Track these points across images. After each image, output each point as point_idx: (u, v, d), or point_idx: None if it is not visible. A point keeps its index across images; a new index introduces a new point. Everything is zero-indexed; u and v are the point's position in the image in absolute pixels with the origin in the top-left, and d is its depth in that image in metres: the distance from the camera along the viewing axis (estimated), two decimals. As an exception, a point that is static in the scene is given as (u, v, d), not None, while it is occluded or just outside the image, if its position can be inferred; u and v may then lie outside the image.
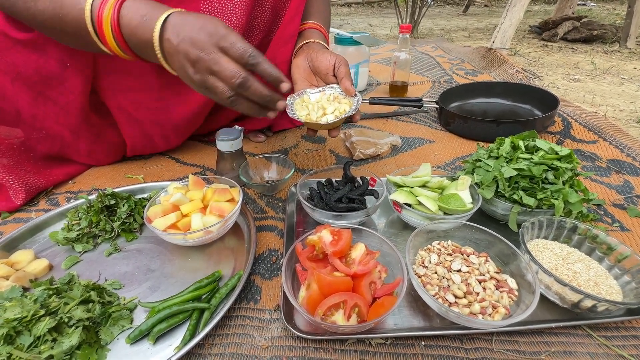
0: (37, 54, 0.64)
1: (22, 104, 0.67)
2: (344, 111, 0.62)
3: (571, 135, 0.96)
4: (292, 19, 0.77)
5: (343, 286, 0.43)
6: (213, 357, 0.43)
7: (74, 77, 0.67)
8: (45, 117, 0.70)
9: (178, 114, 0.80)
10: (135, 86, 0.74)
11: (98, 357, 0.42)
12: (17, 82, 0.65)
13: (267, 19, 0.79)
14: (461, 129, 0.97)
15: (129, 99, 0.75)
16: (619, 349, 0.43)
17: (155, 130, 0.82)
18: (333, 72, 0.66)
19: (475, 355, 0.43)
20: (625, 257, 0.49)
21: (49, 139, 0.74)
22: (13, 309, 0.41)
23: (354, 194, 0.63)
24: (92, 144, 0.80)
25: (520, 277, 0.48)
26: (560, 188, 0.55)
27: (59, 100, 0.69)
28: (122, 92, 0.74)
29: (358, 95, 0.65)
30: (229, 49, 0.47)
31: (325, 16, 0.85)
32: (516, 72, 1.53)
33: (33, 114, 0.69)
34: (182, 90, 0.78)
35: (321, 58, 0.67)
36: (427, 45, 2.25)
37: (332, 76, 0.66)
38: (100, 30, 0.50)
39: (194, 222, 0.55)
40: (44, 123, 0.71)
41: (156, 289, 0.52)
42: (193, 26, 0.48)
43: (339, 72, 0.65)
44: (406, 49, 1.24)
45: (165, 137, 0.85)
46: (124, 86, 0.73)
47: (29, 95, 0.67)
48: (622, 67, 1.97)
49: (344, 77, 0.64)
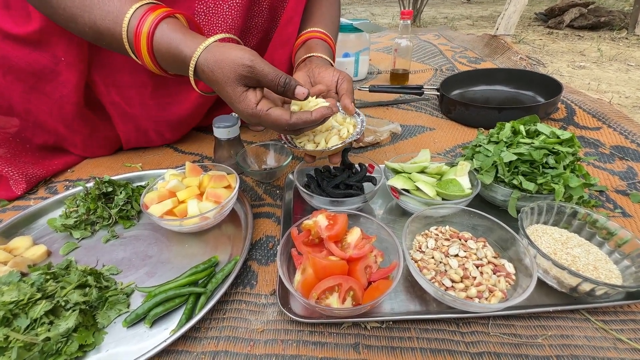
0: (29, 48, 0.63)
1: (15, 98, 0.67)
2: (348, 134, 0.58)
3: (574, 122, 0.94)
4: (290, 20, 0.75)
5: (338, 270, 0.42)
6: (209, 340, 0.43)
7: (67, 71, 0.67)
8: (39, 111, 0.70)
9: (173, 113, 0.80)
10: (129, 82, 0.73)
11: (95, 340, 0.42)
12: (8, 75, 0.64)
13: (264, 20, 0.77)
14: (462, 116, 0.96)
15: (122, 94, 0.75)
16: (616, 333, 0.42)
17: (149, 125, 0.81)
18: (335, 89, 0.62)
19: (471, 339, 0.42)
20: (625, 242, 0.48)
21: (44, 133, 0.74)
22: (10, 293, 0.42)
23: (352, 180, 0.62)
24: (88, 138, 0.80)
25: (518, 261, 0.47)
26: (561, 173, 0.54)
27: (53, 94, 0.69)
28: (116, 87, 0.74)
29: (361, 115, 0.61)
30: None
31: (334, 20, 0.80)
32: (520, 60, 1.50)
33: (26, 108, 0.69)
34: (178, 90, 0.77)
35: (323, 74, 0.62)
36: (429, 33, 2.21)
37: (334, 93, 0.62)
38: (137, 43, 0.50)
39: (190, 208, 0.55)
40: (37, 117, 0.71)
41: (153, 274, 0.52)
42: (229, 54, 0.48)
43: (341, 89, 0.61)
44: (407, 35, 1.21)
45: (159, 132, 0.84)
46: (117, 82, 0.73)
47: (21, 89, 0.66)
48: (629, 54, 1.93)
49: (345, 94, 0.60)
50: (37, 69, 0.65)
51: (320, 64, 0.65)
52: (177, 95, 0.78)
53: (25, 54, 0.63)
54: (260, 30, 0.78)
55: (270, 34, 0.80)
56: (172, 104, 0.79)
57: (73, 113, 0.72)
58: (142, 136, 0.84)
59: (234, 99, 0.49)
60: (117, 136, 0.83)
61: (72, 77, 0.68)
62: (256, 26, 0.77)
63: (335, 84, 0.62)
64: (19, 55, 0.63)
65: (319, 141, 0.59)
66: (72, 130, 0.76)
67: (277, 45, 0.77)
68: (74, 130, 0.76)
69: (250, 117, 0.50)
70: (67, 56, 0.66)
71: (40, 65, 0.65)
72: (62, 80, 0.68)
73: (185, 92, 0.78)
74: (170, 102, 0.78)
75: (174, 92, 0.78)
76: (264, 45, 0.79)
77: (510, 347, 0.41)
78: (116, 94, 0.74)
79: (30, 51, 0.63)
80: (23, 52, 0.63)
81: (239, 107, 0.50)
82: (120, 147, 0.88)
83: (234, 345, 0.42)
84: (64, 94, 0.69)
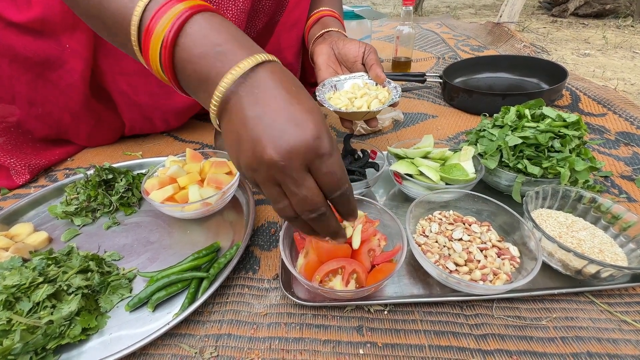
0: (33, 35, 0.62)
1: (19, 89, 0.66)
2: (385, 98, 0.59)
3: (579, 108, 0.93)
4: (298, 4, 0.74)
5: (341, 253, 0.42)
6: (212, 324, 0.43)
7: (73, 59, 0.66)
8: (45, 100, 0.69)
9: (180, 101, 0.79)
10: (136, 70, 0.72)
11: (98, 324, 0.42)
12: (14, 64, 0.63)
13: (272, 2, 0.75)
14: (465, 103, 0.95)
15: (129, 82, 0.74)
16: (621, 315, 0.42)
17: (155, 114, 0.81)
18: (362, 61, 0.63)
19: (475, 321, 0.42)
20: (630, 225, 0.47)
21: (47, 126, 0.74)
22: (12, 277, 0.41)
23: (354, 166, 0.62)
24: (92, 128, 0.79)
25: (522, 245, 0.47)
26: (567, 156, 0.53)
27: (59, 83, 0.68)
28: (123, 75, 0.73)
29: (392, 82, 0.61)
30: (321, 172, 0.31)
31: (340, 3, 0.82)
32: (524, 47, 1.48)
33: (31, 98, 0.68)
34: None
35: (349, 46, 0.63)
36: (432, 22, 2.18)
37: (360, 64, 0.63)
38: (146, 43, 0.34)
39: (192, 194, 0.55)
40: (43, 107, 0.70)
41: (155, 260, 0.52)
42: (289, 111, 0.30)
43: (369, 60, 0.62)
44: (409, 23, 1.19)
45: (165, 120, 0.83)
46: (124, 70, 0.72)
47: (27, 78, 0.66)
48: (634, 41, 1.90)
49: (374, 64, 0.61)
50: (42, 57, 0.64)
51: (342, 37, 0.66)
52: None
53: (29, 41, 0.62)
54: (267, 13, 0.77)
55: (277, 17, 0.79)
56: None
57: (80, 102, 0.71)
58: (147, 123, 0.83)
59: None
60: (121, 124, 0.83)
61: (78, 65, 0.67)
62: (263, 9, 0.76)
63: (362, 55, 0.63)
64: (24, 43, 0.62)
65: (360, 105, 0.58)
66: (78, 119, 0.75)
67: (284, 29, 0.76)
68: (79, 120, 0.76)
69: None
70: (72, 43, 0.64)
71: (45, 53, 0.64)
72: (68, 68, 0.67)
73: None
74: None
75: None
76: (270, 28, 0.78)
77: (515, 329, 0.41)
78: (123, 82, 0.73)
79: (34, 39, 0.62)
80: (27, 40, 0.62)
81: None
82: (122, 136, 0.87)
83: (237, 328, 0.42)
84: (70, 82, 0.68)
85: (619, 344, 0.39)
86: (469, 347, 0.39)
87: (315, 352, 0.39)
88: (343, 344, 0.40)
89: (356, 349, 0.40)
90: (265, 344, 0.40)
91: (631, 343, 0.39)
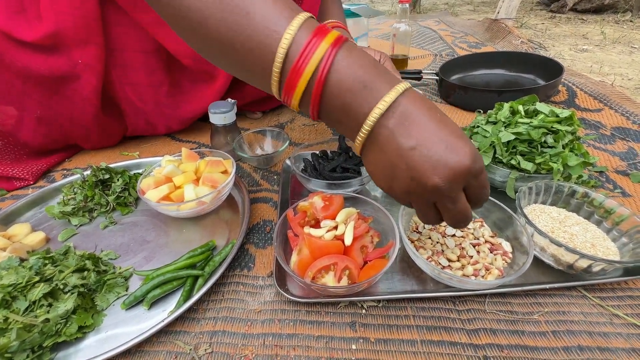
0: (47, 53, 0.63)
1: (29, 106, 0.67)
2: None
3: (575, 104, 0.92)
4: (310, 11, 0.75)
5: (334, 249, 0.42)
6: (207, 321, 0.44)
7: (86, 73, 0.66)
8: (57, 115, 0.70)
9: (186, 111, 0.80)
10: (146, 82, 0.73)
11: (94, 322, 0.43)
12: (29, 82, 0.64)
13: None
14: (461, 100, 0.95)
15: (137, 92, 0.74)
16: (613, 309, 0.42)
17: (160, 120, 0.81)
18: None
19: (467, 316, 0.43)
20: (623, 219, 0.48)
21: (53, 138, 0.75)
22: (9, 276, 0.42)
23: (349, 163, 0.62)
24: (100, 135, 0.79)
25: (515, 240, 0.47)
26: (560, 151, 0.53)
27: (74, 97, 0.69)
28: (131, 85, 0.73)
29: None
30: (475, 187, 0.34)
31: (343, 15, 0.83)
32: (521, 44, 1.47)
33: (41, 114, 0.69)
34: (191, 88, 0.77)
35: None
36: (429, 19, 2.17)
37: None
38: (293, 80, 0.33)
39: (187, 192, 0.55)
40: (54, 122, 0.71)
41: (151, 258, 0.52)
42: (441, 139, 0.32)
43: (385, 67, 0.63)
44: (406, 20, 1.19)
45: (168, 126, 0.84)
46: (132, 80, 0.72)
47: (41, 94, 0.66)
48: (633, 36, 1.89)
49: (392, 72, 0.61)
50: (57, 74, 0.65)
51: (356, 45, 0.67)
52: (191, 94, 0.78)
53: (43, 59, 0.63)
54: None
55: None
56: (185, 102, 0.79)
57: (92, 114, 0.72)
58: (150, 127, 0.84)
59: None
60: (125, 128, 0.83)
61: (92, 78, 0.67)
62: None
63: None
64: (38, 62, 0.63)
65: None
66: (89, 130, 0.76)
67: None
68: (90, 131, 0.76)
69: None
70: (84, 58, 0.65)
71: (60, 70, 0.65)
72: (83, 82, 0.67)
73: (199, 90, 0.78)
74: (183, 99, 0.78)
75: (187, 90, 0.78)
76: None
77: (507, 323, 0.41)
78: (131, 91, 0.74)
79: (47, 56, 0.63)
80: (41, 58, 0.63)
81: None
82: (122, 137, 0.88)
83: (231, 325, 0.43)
84: (85, 96, 0.69)
85: (609, 337, 0.39)
86: (460, 341, 0.40)
87: (308, 347, 0.40)
88: (336, 340, 0.41)
89: (349, 345, 0.40)
90: (259, 340, 0.41)
91: (622, 336, 0.39)
